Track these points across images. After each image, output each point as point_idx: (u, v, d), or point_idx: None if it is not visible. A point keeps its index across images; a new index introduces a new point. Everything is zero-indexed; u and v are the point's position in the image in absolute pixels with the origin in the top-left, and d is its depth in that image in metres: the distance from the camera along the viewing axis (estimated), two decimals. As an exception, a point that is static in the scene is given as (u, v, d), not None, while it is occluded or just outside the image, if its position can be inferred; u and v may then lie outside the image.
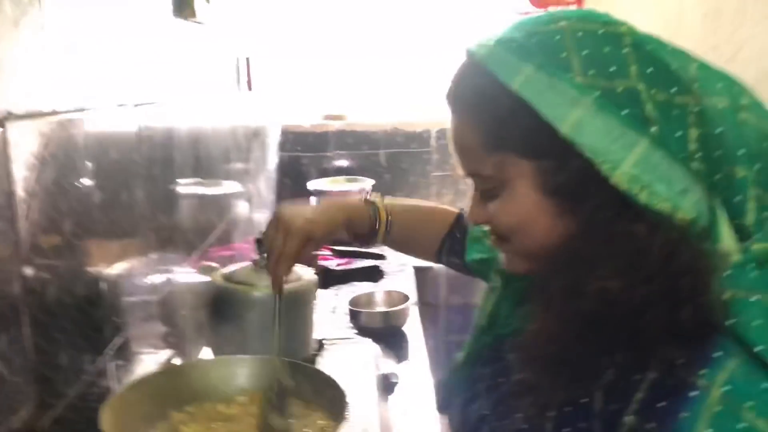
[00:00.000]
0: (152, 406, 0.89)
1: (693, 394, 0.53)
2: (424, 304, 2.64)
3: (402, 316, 1.81)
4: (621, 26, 0.64)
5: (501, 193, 0.67)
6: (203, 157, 1.59)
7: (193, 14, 1.40)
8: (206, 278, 1.27)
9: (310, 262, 1.00)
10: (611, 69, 0.61)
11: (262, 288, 1.18)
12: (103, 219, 0.96)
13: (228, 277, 1.20)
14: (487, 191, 0.69)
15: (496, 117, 0.64)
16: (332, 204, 1.07)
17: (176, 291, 1.32)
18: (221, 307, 1.20)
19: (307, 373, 0.96)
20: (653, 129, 0.59)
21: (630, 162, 0.58)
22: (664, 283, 0.56)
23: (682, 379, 0.54)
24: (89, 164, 0.90)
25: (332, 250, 1.34)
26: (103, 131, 0.96)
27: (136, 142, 1.10)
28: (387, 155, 3.06)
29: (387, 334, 1.77)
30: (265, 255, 1.21)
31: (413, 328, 1.84)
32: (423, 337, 1.79)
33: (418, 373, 1.58)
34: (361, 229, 1.06)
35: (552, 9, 2.24)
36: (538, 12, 2.33)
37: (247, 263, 1.25)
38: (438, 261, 1.15)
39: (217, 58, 1.78)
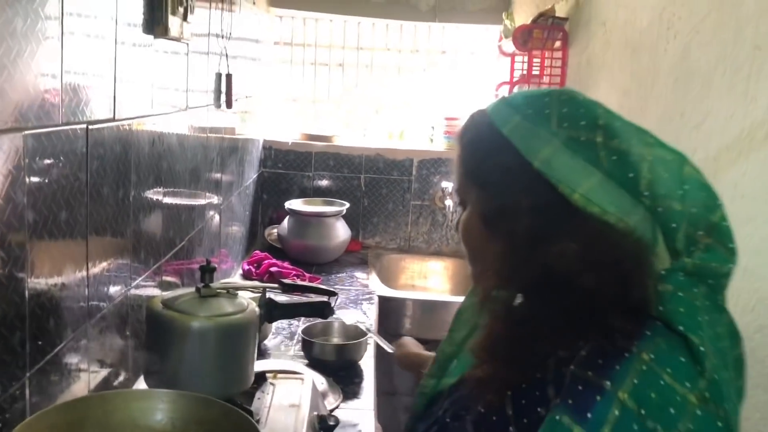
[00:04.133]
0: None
1: (626, 355, 0.68)
2: (388, 335, 2.62)
3: (357, 350, 1.79)
4: (597, 103, 0.80)
5: (465, 211, 0.86)
6: (172, 169, 1.57)
7: (165, 32, 1.38)
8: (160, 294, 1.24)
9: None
10: (581, 123, 0.77)
11: (201, 318, 1.16)
12: (44, 229, 0.93)
13: (167, 303, 1.17)
14: (461, 206, 0.88)
15: (474, 158, 0.84)
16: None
17: (123, 308, 1.30)
18: (157, 335, 1.17)
19: (221, 409, 0.93)
20: (606, 167, 0.75)
21: (586, 187, 0.74)
22: (615, 270, 0.72)
23: (619, 346, 0.69)
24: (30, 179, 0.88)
25: (280, 284, 1.31)
26: (55, 143, 0.94)
27: (81, 157, 1.07)
28: (367, 180, 3.05)
29: (340, 368, 1.74)
30: (209, 285, 1.20)
31: (369, 363, 1.82)
32: (374, 375, 1.76)
33: (364, 415, 1.55)
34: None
35: (537, 53, 2.25)
36: (522, 53, 2.33)
37: (190, 290, 1.22)
38: None
39: (197, 74, 1.76)
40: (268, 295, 1.29)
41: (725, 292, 0.76)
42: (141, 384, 1.29)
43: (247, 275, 2.51)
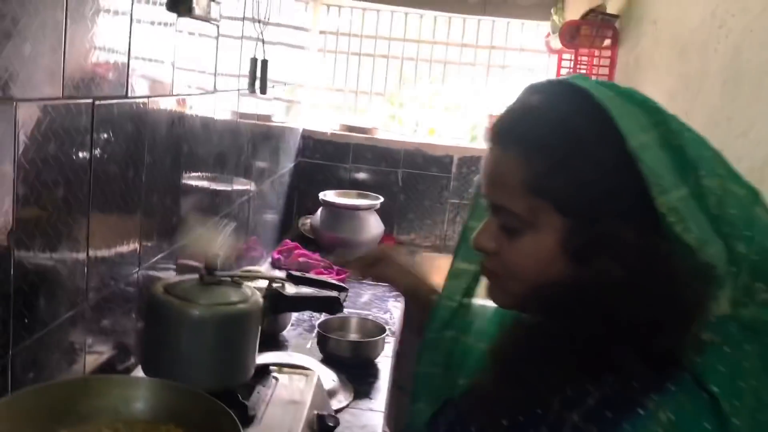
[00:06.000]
0: (34, 422, 0.83)
1: (640, 411, 0.59)
2: (412, 333, 2.56)
3: (374, 348, 1.73)
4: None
5: (524, 235, 0.69)
6: (193, 152, 1.54)
7: (189, 10, 1.35)
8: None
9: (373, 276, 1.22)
10: (672, 126, 0.66)
11: (202, 306, 1.12)
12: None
13: (168, 289, 1.14)
14: (510, 227, 0.71)
15: (551, 164, 0.67)
16: (422, 276, 1.16)
17: (129, 291, 1.28)
18: (156, 320, 1.14)
19: (206, 404, 0.89)
20: (691, 183, 0.64)
21: (675, 196, 0.63)
22: (664, 306, 0.61)
23: (633, 397, 0.59)
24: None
25: (290, 276, 1.26)
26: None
27: (85, 133, 1.05)
28: (405, 175, 2.99)
29: (355, 366, 1.69)
30: (213, 272, 1.16)
31: (386, 362, 1.76)
32: (390, 375, 1.71)
33: (373, 416, 1.50)
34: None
35: (585, 51, 2.15)
36: (569, 51, 2.23)
37: (193, 276, 1.18)
38: None
39: (228, 57, 1.73)
40: (276, 286, 1.25)
41: None
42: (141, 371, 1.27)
43: (276, 264, 2.49)
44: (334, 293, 1.30)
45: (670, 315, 0.60)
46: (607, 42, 2.07)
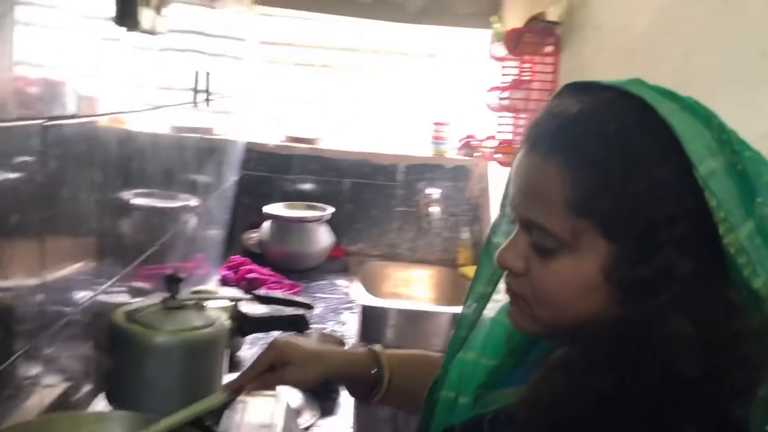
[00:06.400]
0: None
1: None
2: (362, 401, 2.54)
3: (336, 363, 1.70)
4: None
5: (560, 257, 0.62)
6: (143, 170, 1.48)
7: (136, 24, 1.30)
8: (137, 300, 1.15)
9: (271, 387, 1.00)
10: (735, 146, 0.59)
11: (166, 332, 1.07)
12: None
13: (130, 316, 1.09)
14: (543, 247, 0.63)
15: (601, 182, 0.59)
16: (330, 351, 0.97)
17: (86, 317, 1.21)
18: (119, 349, 1.09)
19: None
20: (758, 215, 0.57)
21: (744, 233, 0.56)
22: (726, 368, 0.54)
23: None
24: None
25: (254, 296, 1.23)
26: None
27: (36, 156, 0.99)
28: (351, 185, 2.97)
29: (317, 382, 1.66)
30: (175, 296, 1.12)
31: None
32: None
33: (339, 432, 1.47)
34: (360, 387, 0.97)
35: (528, 58, 2.18)
36: (513, 59, 2.25)
37: (155, 301, 1.13)
38: None
39: (173, 71, 1.68)
40: (240, 306, 1.21)
41: None
42: (101, 401, 1.20)
43: (225, 281, 2.43)
44: (299, 311, 1.27)
45: (736, 375, 0.54)
46: (550, 48, 2.10)
